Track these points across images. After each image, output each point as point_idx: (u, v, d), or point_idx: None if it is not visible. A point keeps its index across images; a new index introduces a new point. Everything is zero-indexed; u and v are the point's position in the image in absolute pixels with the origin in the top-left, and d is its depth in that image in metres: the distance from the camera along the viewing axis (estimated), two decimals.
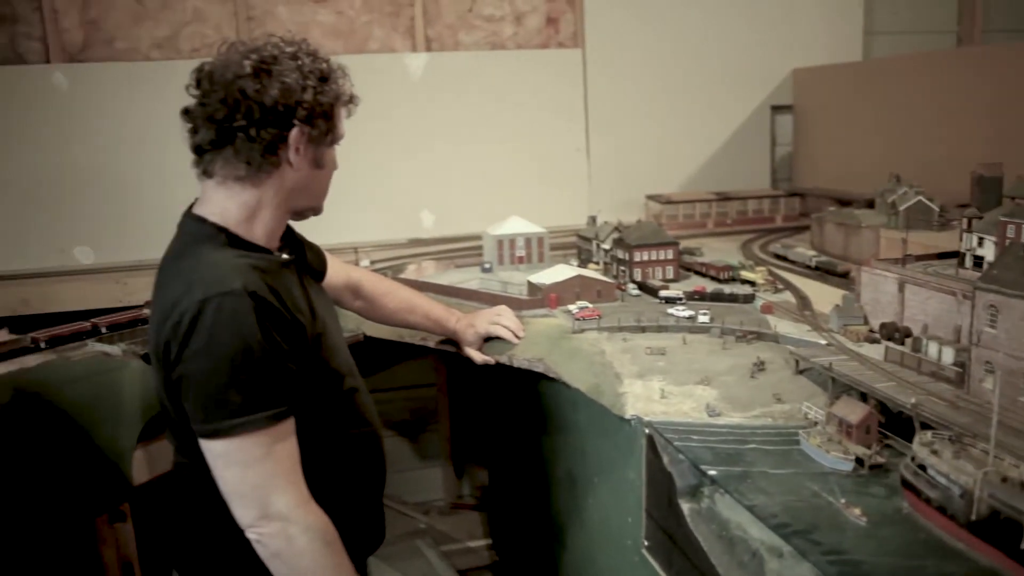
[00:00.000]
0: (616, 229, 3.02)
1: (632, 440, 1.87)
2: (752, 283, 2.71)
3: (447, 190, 4.10)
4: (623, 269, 2.87)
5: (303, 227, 1.94)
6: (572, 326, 2.37)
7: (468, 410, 4.28)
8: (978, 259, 1.93)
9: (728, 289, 2.65)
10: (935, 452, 1.36)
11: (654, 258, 2.83)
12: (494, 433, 3.60)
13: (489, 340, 2.41)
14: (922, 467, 1.37)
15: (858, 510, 1.37)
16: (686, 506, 1.63)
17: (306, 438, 1.65)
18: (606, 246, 3.02)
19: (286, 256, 1.80)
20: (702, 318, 2.34)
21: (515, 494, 3.29)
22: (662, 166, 4.37)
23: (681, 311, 2.41)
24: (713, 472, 1.58)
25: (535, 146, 4.18)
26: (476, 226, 3.52)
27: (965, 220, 1.99)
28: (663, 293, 2.59)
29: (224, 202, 1.68)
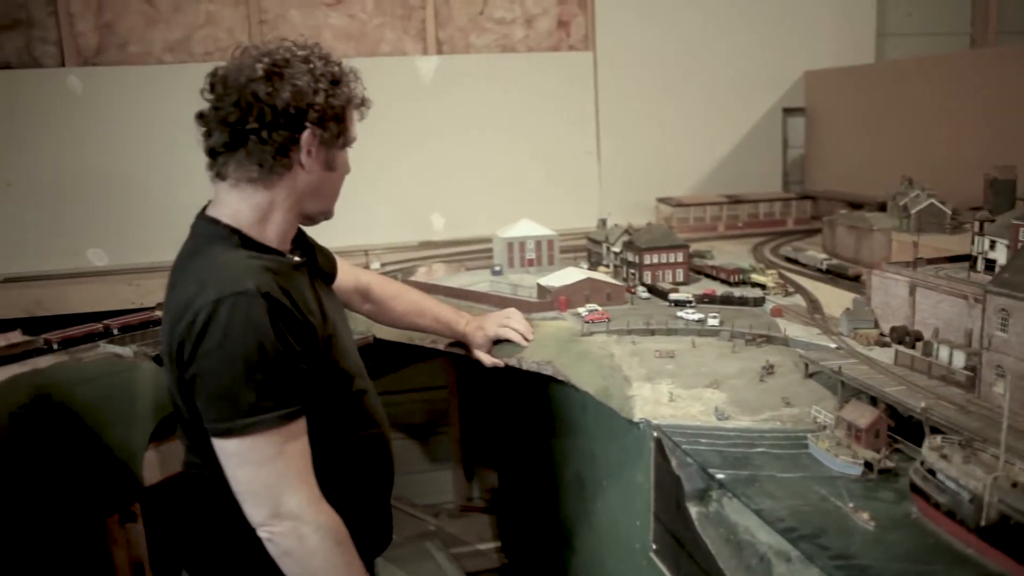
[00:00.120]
0: (626, 232, 3.02)
1: (640, 443, 1.87)
2: (762, 286, 2.71)
3: (458, 193, 4.11)
4: (633, 272, 2.86)
5: (314, 230, 1.95)
6: (581, 329, 2.37)
7: (478, 412, 4.28)
8: (990, 262, 1.91)
9: (738, 292, 2.64)
10: (944, 457, 1.35)
11: (664, 261, 2.82)
12: (504, 436, 3.60)
13: (498, 343, 2.42)
14: (931, 472, 1.36)
15: (866, 515, 1.36)
16: (694, 510, 1.62)
17: (315, 439, 1.66)
18: (616, 249, 3.02)
19: (297, 259, 1.81)
20: (711, 321, 2.34)
21: (524, 497, 3.29)
22: (673, 169, 4.36)
23: (690, 314, 2.41)
24: (721, 476, 1.57)
25: (546, 149, 4.18)
26: (487, 229, 3.52)
27: (977, 223, 1.98)
28: (673, 296, 2.59)
29: (237, 204, 1.70)
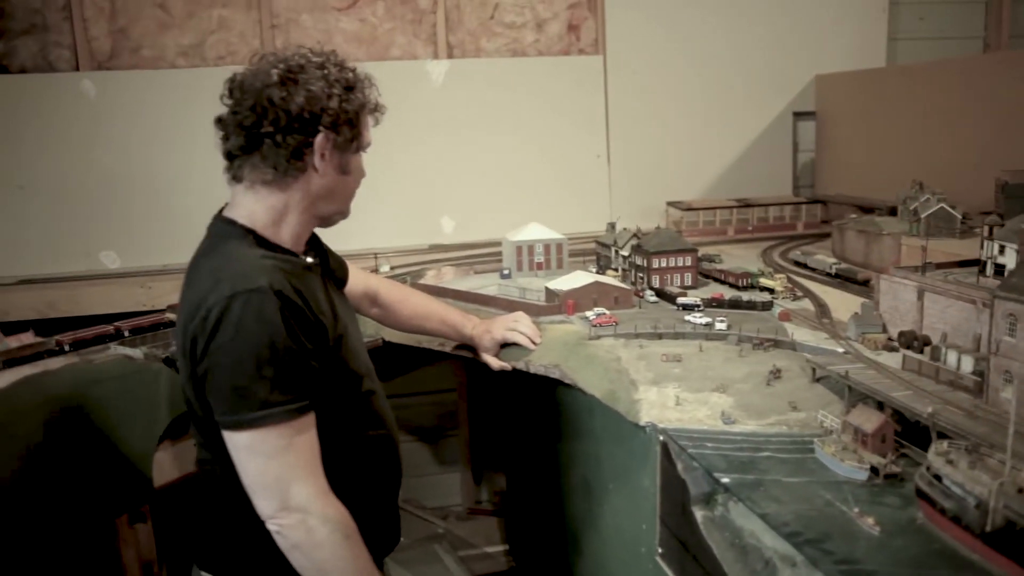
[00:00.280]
0: (635, 236, 3.02)
1: (647, 447, 1.87)
2: (771, 290, 2.70)
3: (468, 196, 4.12)
4: (641, 276, 2.86)
5: (324, 231, 1.97)
6: (589, 332, 2.37)
7: (487, 415, 4.29)
8: (999, 267, 1.90)
9: (746, 296, 2.63)
10: (951, 462, 1.35)
11: (672, 265, 2.82)
12: (512, 439, 3.60)
13: (506, 346, 2.42)
14: (937, 477, 1.35)
15: (871, 519, 1.36)
16: (699, 513, 1.63)
17: (324, 438, 1.68)
18: (624, 253, 3.02)
19: (310, 260, 1.84)
20: (719, 325, 2.34)
21: (532, 500, 3.29)
22: (683, 172, 4.36)
23: (698, 318, 2.40)
24: (726, 480, 1.57)
25: (556, 152, 4.19)
26: (497, 232, 3.53)
27: (986, 228, 1.97)
28: (681, 300, 2.59)
29: (252, 205, 1.73)
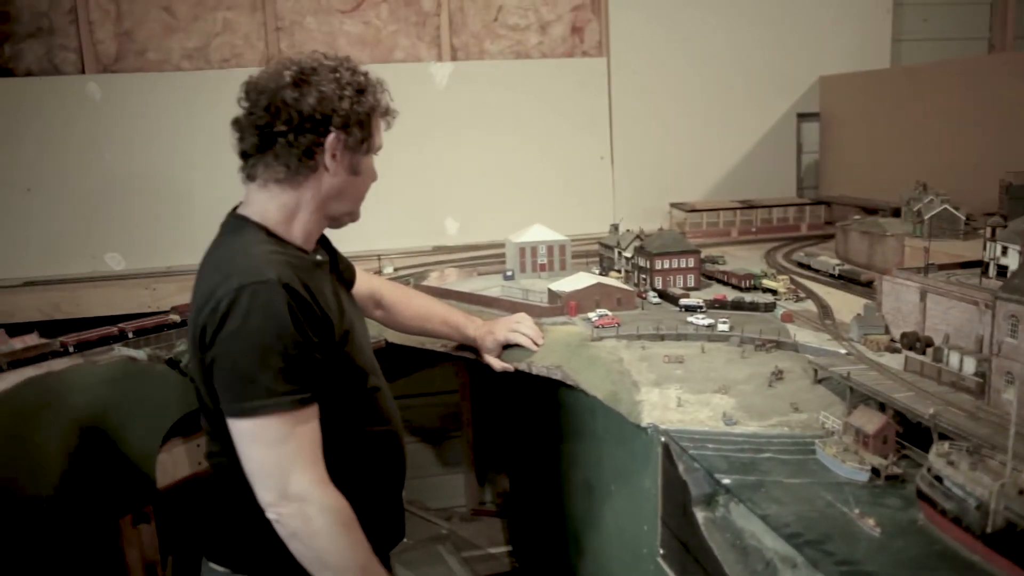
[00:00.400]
0: (638, 237, 3.02)
1: (648, 448, 1.87)
2: (774, 292, 2.70)
3: (472, 198, 4.12)
4: (644, 277, 2.86)
5: (329, 232, 1.98)
6: (591, 334, 2.37)
7: (491, 417, 4.29)
8: (1002, 268, 1.90)
9: (749, 298, 2.63)
10: (952, 463, 1.35)
11: (675, 266, 2.82)
12: (515, 440, 3.60)
13: (509, 347, 2.42)
14: (938, 478, 1.35)
15: (872, 521, 1.36)
16: (701, 515, 1.62)
17: (328, 432, 1.71)
18: (627, 254, 3.02)
19: (319, 257, 1.88)
20: (721, 326, 2.33)
21: (535, 501, 3.29)
22: (687, 174, 4.35)
23: (701, 319, 2.40)
24: (727, 481, 1.57)
25: (560, 154, 4.19)
26: (501, 234, 3.53)
27: (989, 229, 1.96)
28: (683, 301, 2.59)
29: (265, 203, 1.78)
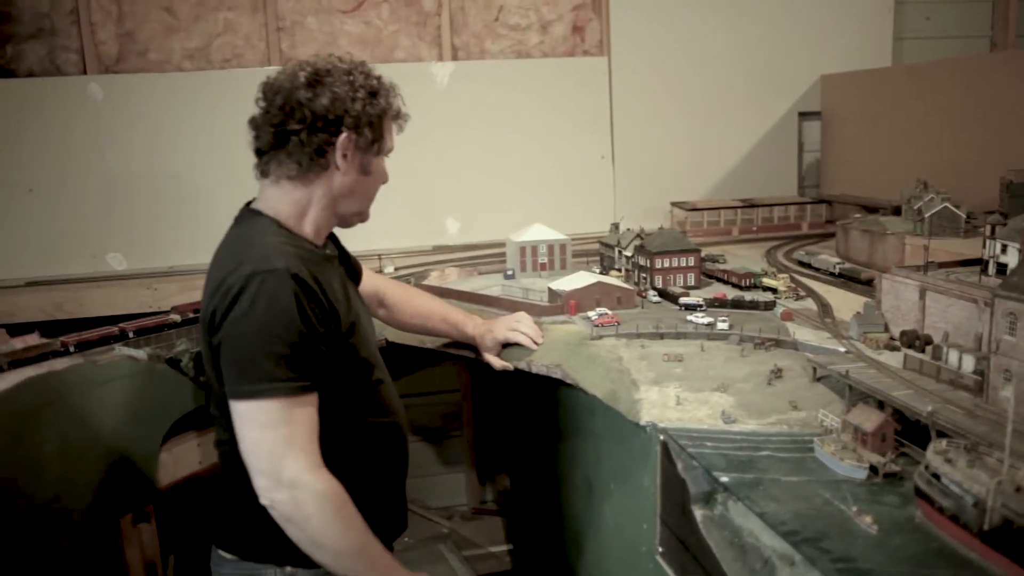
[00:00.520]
0: (638, 236, 3.02)
1: (647, 446, 1.87)
2: (774, 290, 2.69)
3: (473, 197, 4.12)
4: (644, 276, 2.86)
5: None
6: (591, 332, 2.37)
7: (492, 416, 4.29)
8: (1001, 266, 1.90)
9: (749, 296, 2.63)
10: (949, 461, 1.34)
11: (675, 265, 2.82)
12: (516, 439, 3.60)
13: (508, 346, 2.43)
14: (936, 476, 1.35)
15: (869, 518, 1.36)
16: (699, 513, 1.62)
17: (332, 422, 1.74)
18: (628, 253, 3.02)
19: (329, 251, 1.93)
20: (721, 325, 2.33)
21: (535, 499, 3.29)
22: (688, 173, 4.35)
23: (700, 318, 2.40)
24: (725, 479, 1.57)
25: (561, 153, 4.19)
26: (502, 233, 3.53)
27: (988, 227, 1.96)
28: (683, 300, 2.58)
29: (277, 198, 1.84)
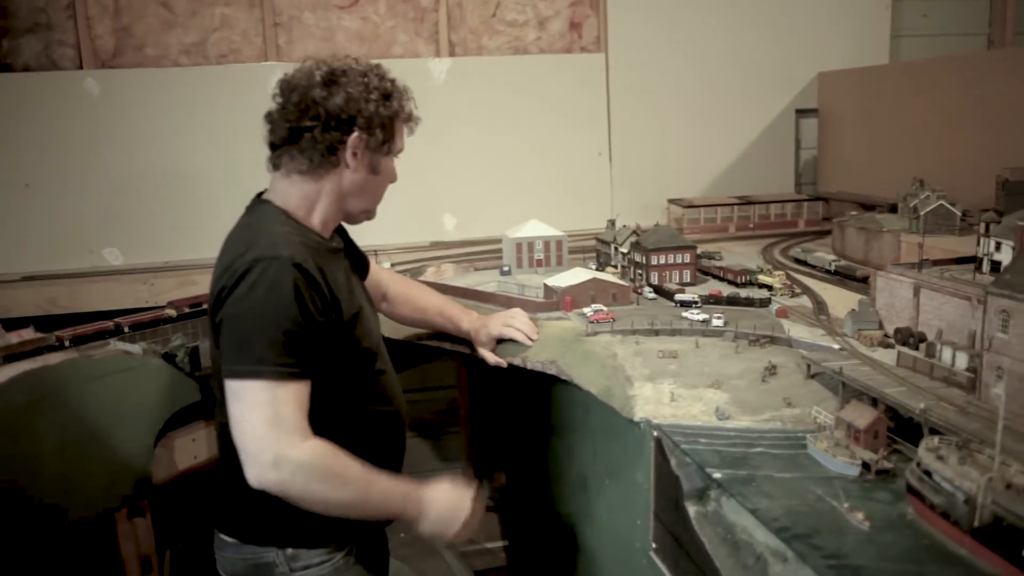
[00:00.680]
0: (634, 233, 3.02)
1: (641, 443, 1.87)
2: (769, 287, 2.70)
3: (470, 193, 4.13)
4: (640, 272, 2.86)
5: None
6: (586, 329, 2.37)
7: (488, 412, 4.29)
8: (995, 264, 1.90)
9: (744, 293, 2.63)
10: (941, 458, 1.35)
11: (671, 262, 2.82)
12: (512, 435, 3.61)
13: (503, 342, 2.43)
14: (927, 473, 1.35)
15: (861, 515, 1.36)
16: (692, 509, 1.62)
17: (333, 409, 1.78)
18: (624, 249, 3.02)
19: (336, 244, 1.97)
20: (716, 322, 2.33)
21: (530, 496, 3.29)
22: (685, 170, 4.35)
23: (695, 315, 2.40)
24: (718, 475, 1.57)
25: (558, 150, 4.19)
26: (499, 229, 3.53)
27: (983, 224, 1.97)
28: (678, 297, 2.58)
29: (287, 191, 1.89)
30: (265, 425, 1.67)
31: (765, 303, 2.54)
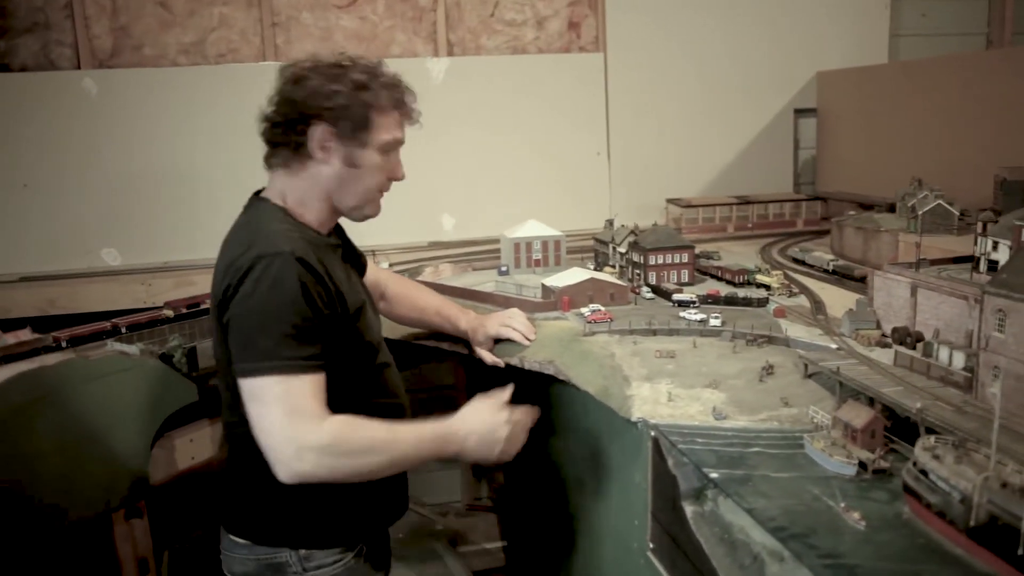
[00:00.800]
0: (632, 232, 3.02)
1: (638, 443, 1.87)
2: (767, 287, 2.70)
3: (468, 193, 4.12)
4: (638, 272, 2.86)
5: None
6: (584, 329, 2.37)
7: None
8: (992, 263, 1.90)
9: (742, 293, 2.63)
10: (937, 457, 1.34)
11: (669, 261, 2.82)
12: None
13: (500, 342, 2.43)
14: (923, 472, 1.35)
15: (857, 514, 1.36)
16: (689, 509, 1.62)
17: (338, 402, 1.76)
18: (622, 249, 3.02)
19: (334, 241, 1.98)
20: (713, 321, 2.33)
21: (528, 496, 3.29)
22: (683, 170, 4.35)
23: (693, 314, 2.40)
24: (715, 475, 1.57)
25: (556, 150, 4.19)
26: (497, 229, 3.53)
27: (980, 224, 1.96)
28: (676, 296, 2.58)
29: (280, 188, 1.91)
30: (283, 419, 1.67)
31: (763, 303, 2.54)
